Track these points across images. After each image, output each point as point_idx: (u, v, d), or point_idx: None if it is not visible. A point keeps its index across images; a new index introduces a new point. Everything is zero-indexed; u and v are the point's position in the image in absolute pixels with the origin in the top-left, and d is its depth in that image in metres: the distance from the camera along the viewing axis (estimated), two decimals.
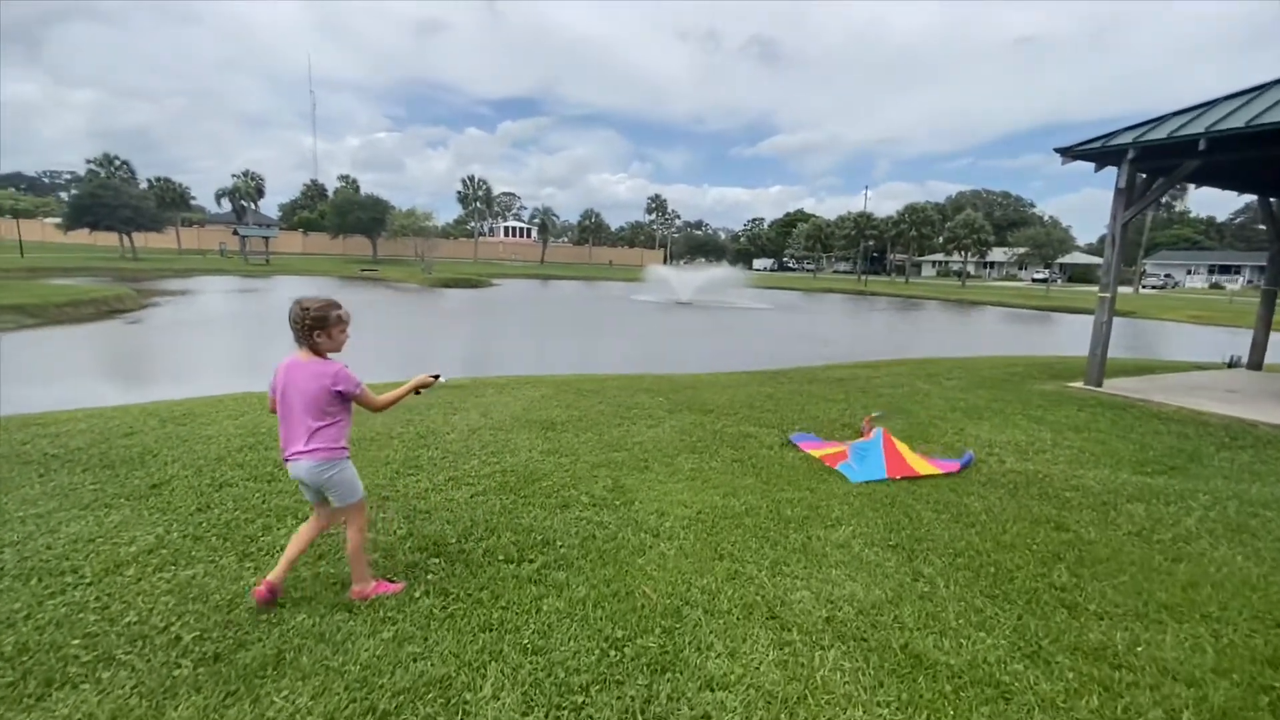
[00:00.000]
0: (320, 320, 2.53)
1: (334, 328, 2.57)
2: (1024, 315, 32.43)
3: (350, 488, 2.66)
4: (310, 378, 2.52)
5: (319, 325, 2.53)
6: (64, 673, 2.18)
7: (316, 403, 2.53)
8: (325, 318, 2.54)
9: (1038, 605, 2.90)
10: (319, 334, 2.54)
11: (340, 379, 2.54)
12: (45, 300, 17.51)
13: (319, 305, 2.54)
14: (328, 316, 2.54)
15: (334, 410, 2.58)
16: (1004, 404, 7.30)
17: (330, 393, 2.53)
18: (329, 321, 2.55)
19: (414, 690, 2.14)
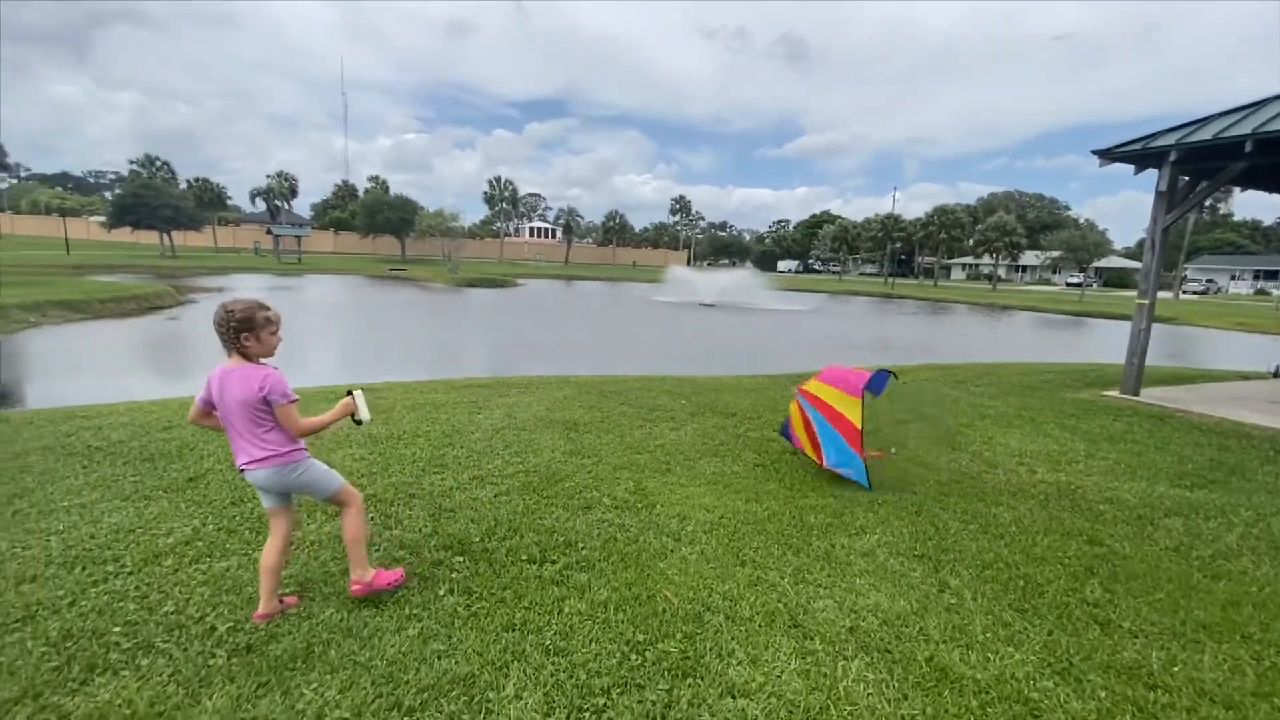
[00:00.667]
0: (246, 322, 2.37)
1: (262, 330, 2.41)
2: (1057, 321, 31.62)
3: (324, 481, 2.61)
4: (240, 384, 2.37)
5: (245, 328, 2.37)
6: (105, 659, 2.26)
7: (253, 410, 2.40)
8: (252, 319, 2.38)
9: (1069, 621, 2.84)
10: (246, 337, 2.38)
11: (268, 385, 2.38)
12: (90, 296, 18.15)
13: (244, 307, 2.39)
14: (254, 318, 2.39)
15: (265, 418, 2.43)
16: (1035, 412, 7.13)
17: (260, 399, 2.38)
18: (256, 323, 2.39)
19: (438, 688, 2.17)
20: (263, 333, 2.41)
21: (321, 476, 2.60)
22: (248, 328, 2.37)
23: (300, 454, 2.53)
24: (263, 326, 2.40)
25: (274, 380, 2.39)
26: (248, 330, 2.38)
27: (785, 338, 20.37)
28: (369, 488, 3.93)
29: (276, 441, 2.46)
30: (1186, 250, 62.48)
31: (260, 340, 2.41)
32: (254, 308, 2.40)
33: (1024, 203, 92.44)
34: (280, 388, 2.40)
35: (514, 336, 18.71)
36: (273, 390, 2.38)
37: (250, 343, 2.39)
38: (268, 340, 2.43)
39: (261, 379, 2.38)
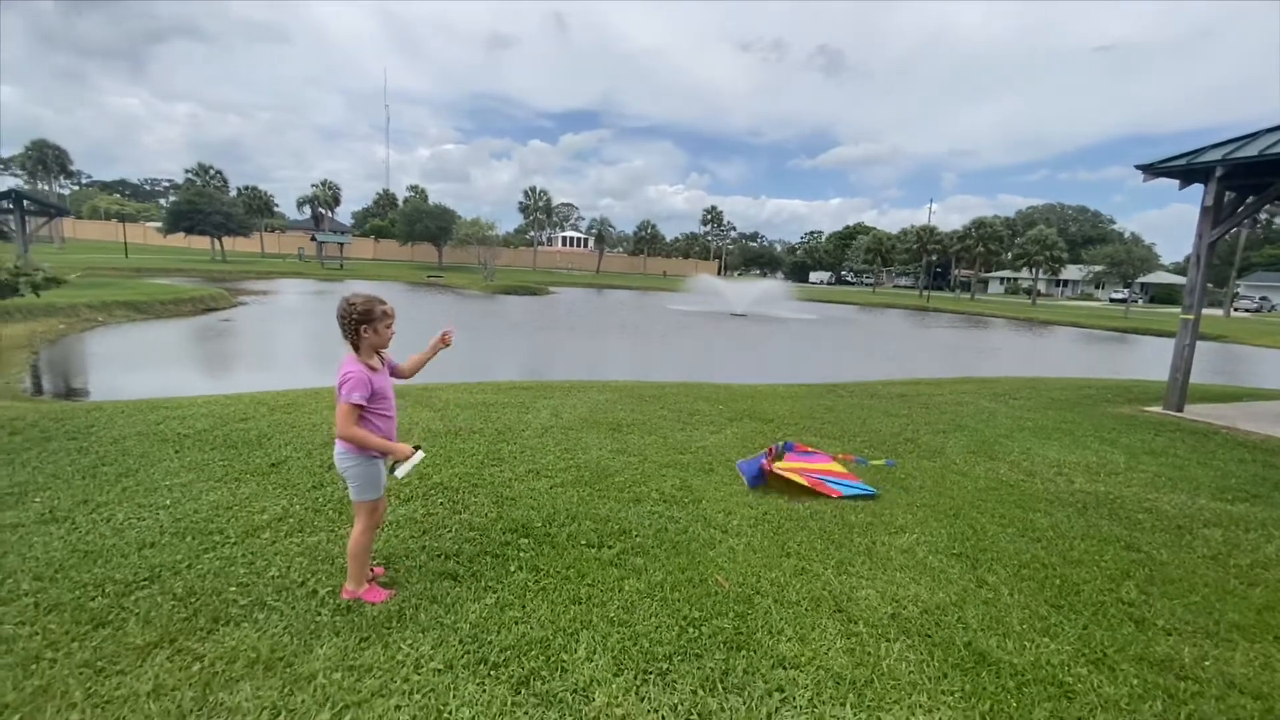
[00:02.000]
0: (366, 315, 2.55)
1: (379, 323, 2.59)
2: (1099, 336, 30.86)
3: (364, 485, 2.64)
4: (340, 370, 2.56)
5: (365, 320, 2.56)
6: (226, 613, 2.57)
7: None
8: (370, 312, 2.56)
9: (1104, 617, 2.96)
10: (366, 329, 2.57)
11: (342, 377, 2.52)
12: (151, 298, 19.17)
13: (365, 300, 2.57)
14: (373, 311, 2.57)
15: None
16: (1074, 425, 7.13)
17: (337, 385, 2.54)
18: (374, 316, 2.57)
19: (518, 648, 2.43)
20: (380, 325, 2.59)
21: (365, 478, 2.64)
22: (367, 320, 2.56)
23: (361, 450, 2.60)
24: (380, 319, 2.59)
25: (350, 379, 2.50)
26: (366, 322, 2.56)
27: (814, 348, 20.37)
28: (435, 477, 4.23)
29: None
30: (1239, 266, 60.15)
31: (378, 332, 2.60)
32: (373, 302, 2.59)
33: (1066, 216, 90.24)
34: (348, 386, 2.49)
35: (551, 342, 19.12)
36: (342, 384, 2.51)
37: (368, 334, 2.58)
38: (384, 333, 2.62)
39: (343, 372, 2.53)
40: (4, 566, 2.84)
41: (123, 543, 3.10)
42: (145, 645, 2.35)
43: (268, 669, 2.25)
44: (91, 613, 2.52)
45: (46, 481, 3.86)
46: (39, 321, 14.66)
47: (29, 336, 13.35)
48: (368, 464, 2.64)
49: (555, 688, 2.22)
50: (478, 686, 2.21)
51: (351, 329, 2.57)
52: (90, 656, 2.27)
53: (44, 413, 5.44)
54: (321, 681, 2.19)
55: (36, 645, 2.32)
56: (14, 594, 2.63)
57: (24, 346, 12.57)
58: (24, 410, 5.56)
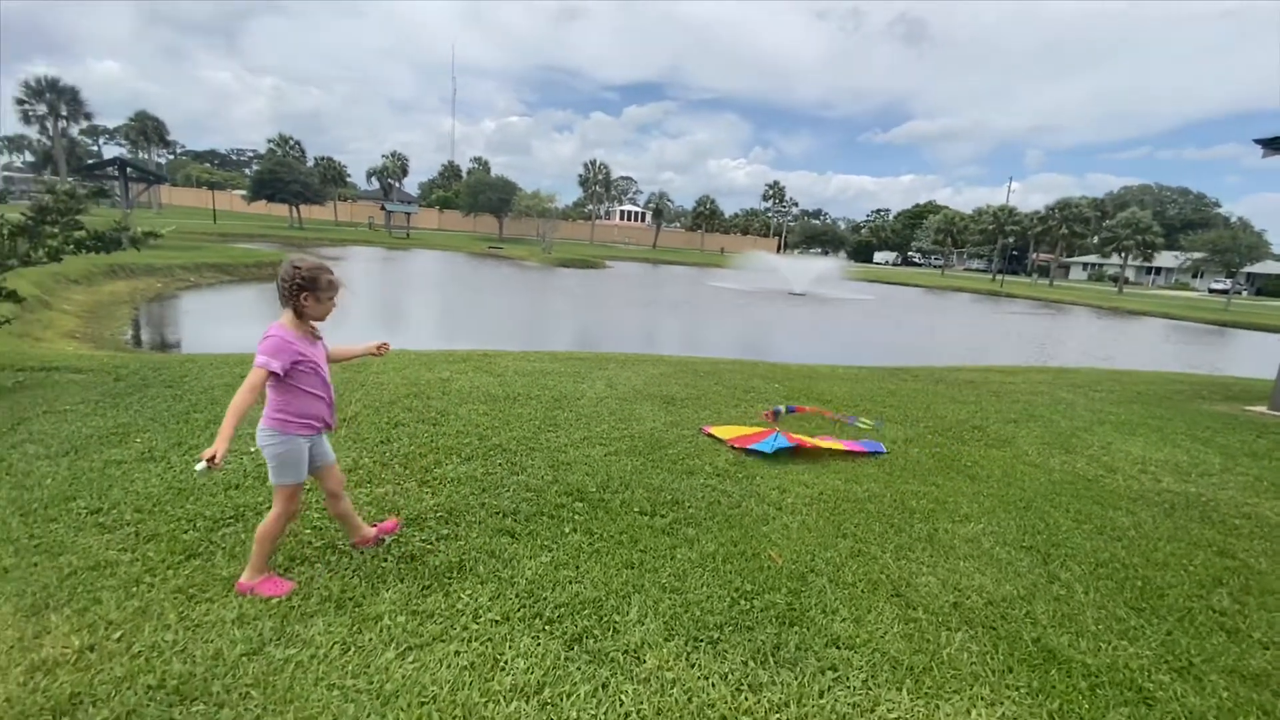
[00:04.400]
0: (311, 281, 2.31)
1: (323, 292, 2.34)
2: (1195, 329, 28.52)
3: (280, 467, 2.39)
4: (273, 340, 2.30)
5: (308, 287, 2.31)
6: (301, 553, 2.73)
7: None
8: (316, 280, 2.32)
9: (1191, 624, 2.76)
10: (307, 296, 2.32)
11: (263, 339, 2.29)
12: (237, 261, 20.38)
13: (311, 267, 2.33)
14: (318, 279, 2.32)
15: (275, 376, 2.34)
16: (1163, 421, 6.64)
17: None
18: (319, 285, 2.33)
19: (571, 606, 2.47)
20: (321, 295, 2.34)
21: (281, 458, 2.40)
22: (310, 287, 2.32)
23: (279, 425, 2.38)
24: (324, 289, 2.34)
25: (268, 339, 2.30)
26: (309, 290, 2.32)
27: (875, 329, 19.70)
28: (494, 439, 4.34)
29: (270, 404, 2.39)
30: None
31: (319, 302, 2.35)
32: (319, 270, 2.34)
33: (1164, 198, 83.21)
34: (263, 346, 2.29)
35: (606, 315, 19.23)
36: (260, 344, 2.29)
37: (309, 302, 2.34)
38: (325, 304, 2.38)
39: (265, 333, 2.31)
40: (110, 498, 3.10)
41: (211, 482, 3.33)
42: (231, 577, 2.52)
43: (339, 607, 2.37)
44: (184, 544, 2.73)
45: (145, 424, 4.17)
46: (139, 280, 15.84)
47: (130, 293, 14.45)
48: (287, 442, 2.38)
49: (607, 647, 2.26)
50: (532, 640, 2.27)
51: (292, 294, 2.31)
52: (183, 584, 2.46)
53: (144, 362, 5.88)
54: (387, 623, 2.30)
55: (137, 570, 2.53)
56: (118, 523, 2.88)
57: (126, 302, 13.62)
58: (127, 360, 6.03)
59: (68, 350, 8.15)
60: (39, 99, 42.88)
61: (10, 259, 4.64)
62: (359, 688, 1.99)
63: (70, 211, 4.75)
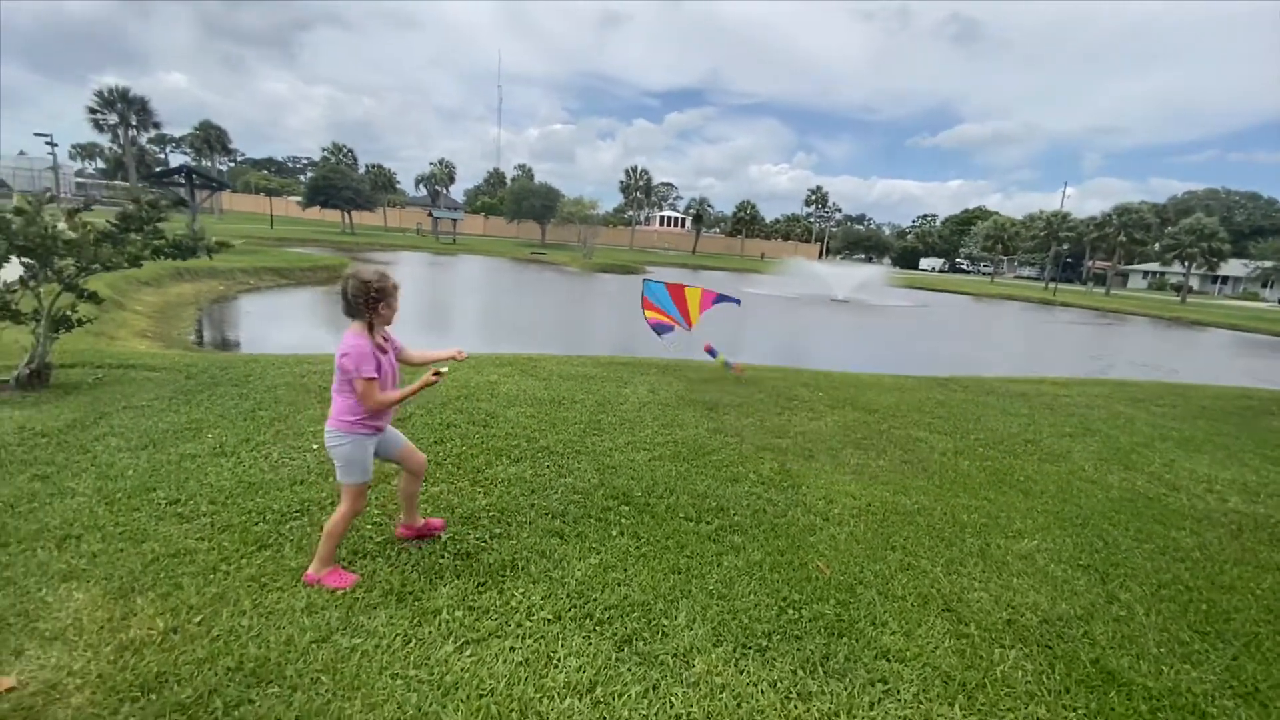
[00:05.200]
0: (382, 291, 2.46)
1: (392, 298, 2.51)
2: (1264, 342, 26.91)
3: (347, 467, 2.53)
4: (353, 354, 2.42)
5: (382, 296, 2.46)
6: (364, 548, 2.86)
7: (337, 369, 2.48)
8: (385, 289, 2.46)
9: (1258, 650, 2.65)
10: (383, 306, 2.48)
11: (343, 350, 2.42)
12: (293, 265, 21.23)
13: (378, 276, 2.46)
14: (387, 287, 2.47)
15: (345, 383, 2.48)
16: (1229, 439, 6.32)
17: (339, 364, 2.45)
18: (388, 292, 2.48)
19: (620, 608, 2.53)
20: (393, 300, 2.51)
21: (349, 459, 2.53)
22: (382, 296, 2.47)
23: (349, 426, 2.51)
24: (392, 294, 2.51)
25: (354, 351, 2.41)
26: (382, 299, 2.47)
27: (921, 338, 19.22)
28: (541, 441, 4.44)
29: (337, 408, 2.53)
30: None
31: (390, 307, 2.51)
32: (385, 277, 2.49)
33: (1230, 203, 78.86)
34: (353, 359, 2.41)
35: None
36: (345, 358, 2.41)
37: (385, 311, 2.50)
38: (395, 308, 2.54)
39: (346, 346, 2.42)
40: (187, 489, 3.30)
41: (278, 478, 3.51)
42: (299, 568, 2.66)
43: (399, 600, 2.48)
44: (256, 535, 2.89)
45: (216, 420, 4.42)
46: (202, 283, 16.67)
47: (196, 295, 15.22)
48: (355, 443, 2.52)
49: (656, 650, 2.30)
50: (584, 640, 2.33)
51: (370, 306, 2.46)
52: (256, 573, 2.61)
53: (212, 361, 6.21)
54: (445, 617, 2.40)
55: (214, 559, 2.69)
56: (195, 513, 3.07)
57: (191, 304, 14.35)
58: (196, 359, 6.38)
59: (140, 349, 8.66)
60: (110, 109, 45.61)
61: (94, 264, 4.98)
62: (420, 678, 2.08)
63: (152, 220, 5.08)
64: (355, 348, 2.42)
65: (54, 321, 4.97)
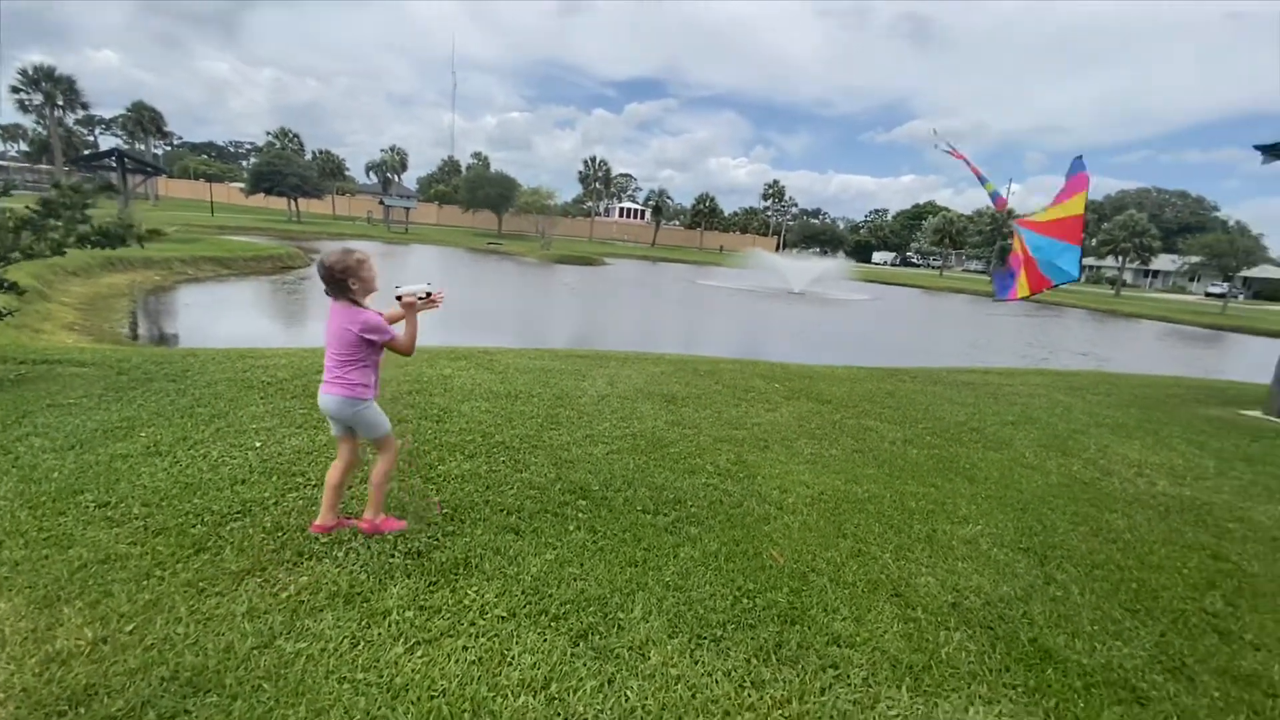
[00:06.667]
0: (345, 269, 2.61)
1: (360, 269, 2.63)
2: (1191, 333, 28.67)
3: (375, 425, 2.81)
4: (341, 321, 2.64)
5: (346, 273, 2.61)
6: (310, 548, 2.75)
7: (348, 345, 2.66)
8: (348, 265, 2.61)
9: (1184, 626, 2.81)
10: (352, 280, 2.62)
11: (372, 328, 2.64)
12: (235, 254, 20.32)
13: (338, 255, 2.64)
14: (348, 262, 2.62)
15: (359, 354, 2.69)
16: (1159, 425, 6.70)
17: (359, 339, 2.64)
18: (351, 267, 2.62)
19: (577, 602, 2.51)
20: (361, 271, 2.63)
21: (373, 419, 2.80)
22: (347, 273, 2.61)
23: (365, 392, 2.74)
24: (358, 268, 2.63)
25: (374, 325, 2.64)
26: (348, 275, 2.61)
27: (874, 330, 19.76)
28: (497, 436, 4.37)
29: (352, 379, 2.70)
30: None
31: (362, 279, 2.64)
32: (346, 254, 2.65)
33: (1161, 200, 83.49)
34: (375, 325, 2.64)
35: (606, 313, 19.26)
36: (377, 334, 2.64)
37: (356, 285, 2.63)
38: (368, 276, 2.66)
39: (361, 323, 2.62)
40: (117, 491, 3.12)
41: (218, 478, 3.35)
42: (239, 571, 2.55)
43: (347, 602, 2.41)
44: (193, 538, 2.75)
45: (150, 418, 4.19)
46: (136, 273, 15.80)
47: (129, 286, 14.42)
48: (370, 406, 2.79)
49: (612, 643, 2.29)
50: (539, 636, 2.30)
51: (339, 285, 2.63)
52: (192, 577, 2.49)
53: (146, 356, 5.89)
54: (395, 618, 2.33)
55: (147, 564, 2.55)
56: (126, 516, 2.90)
57: (124, 295, 13.59)
58: (129, 353, 6.04)
59: (68, 343, 8.15)
60: (35, 88, 42.72)
61: (12, 252, 4.64)
62: (369, 681, 2.02)
63: (76, 206, 4.76)
64: (369, 319, 2.64)
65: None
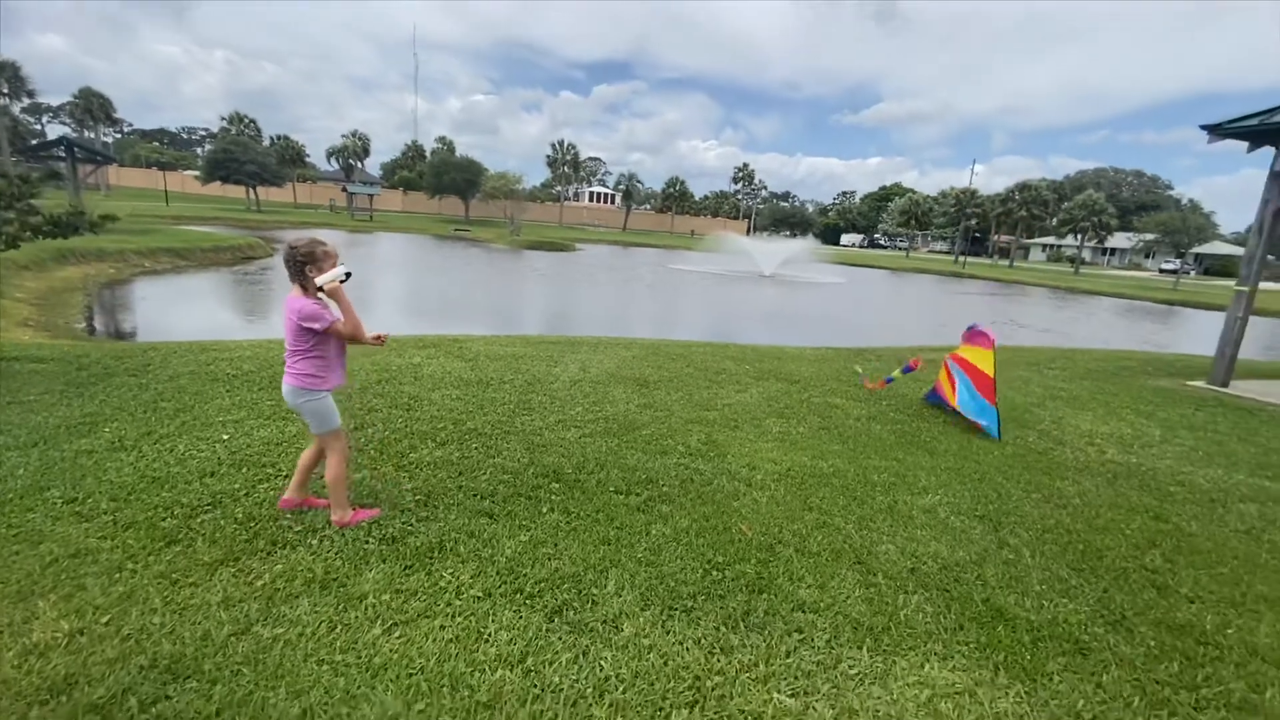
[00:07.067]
0: (309, 256, 2.63)
1: (323, 262, 2.65)
2: (1145, 308, 29.75)
3: (321, 418, 2.80)
4: (291, 312, 2.67)
5: (309, 260, 2.62)
6: (283, 537, 2.77)
7: (293, 334, 2.69)
8: (313, 253, 2.64)
9: (1126, 582, 3.00)
10: (310, 269, 2.63)
11: (306, 316, 2.63)
12: (193, 245, 19.68)
13: (306, 242, 2.66)
14: (314, 252, 2.64)
15: (305, 344, 2.70)
16: (1110, 396, 7.01)
17: (299, 328, 2.65)
18: (316, 256, 2.64)
19: (551, 581, 2.58)
20: (324, 264, 2.64)
21: (321, 412, 2.80)
22: (310, 260, 2.63)
23: (315, 382, 2.75)
24: (322, 259, 2.65)
25: (311, 313, 2.64)
26: (310, 262, 2.63)
27: (841, 311, 20.09)
28: (469, 423, 4.39)
29: (301, 369, 2.74)
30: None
31: (321, 270, 2.64)
32: (313, 243, 2.67)
33: (1118, 180, 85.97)
34: (312, 312, 2.63)
35: (577, 299, 19.20)
36: (312, 321, 2.63)
37: (313, 274, 2.64)
38: (328, 270, 2.65)
39: (298, 311, 2.63)
40: (84, 487, 3.07)
41: (186, 471, 3.32)
42: (212, 562, 2.56)
43: (323, 588, 2.43)
44: (164, 531, 2.74)
45: (113, 413, 4.11)
46: (90, 265, 15.22)
47: (83, 279, 13.91)
48: (321, 398, 2.79)
49: (586, 618, 2.37)
50: (514, 614, 2.37)
51: (297, 270, 2.65)
52: (165, 569, 2.49)
53: (105, 351, 5.73)
54: (372, 601, 2.37)
55: (118, 557, 2.54)
56: (95, 511, 2.87)
57: (79, 289, 13.11)
58: (87, 348, 5.87)
59: (24, 339, 7.86)
60: None
61: None
62: (348, 662, 2.06)
63: (24, 196, 4.60)
64: (304, 307, 2.64)
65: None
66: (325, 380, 2.78)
